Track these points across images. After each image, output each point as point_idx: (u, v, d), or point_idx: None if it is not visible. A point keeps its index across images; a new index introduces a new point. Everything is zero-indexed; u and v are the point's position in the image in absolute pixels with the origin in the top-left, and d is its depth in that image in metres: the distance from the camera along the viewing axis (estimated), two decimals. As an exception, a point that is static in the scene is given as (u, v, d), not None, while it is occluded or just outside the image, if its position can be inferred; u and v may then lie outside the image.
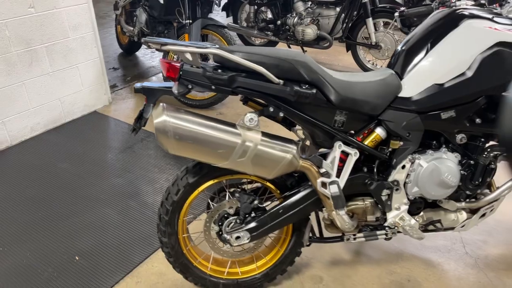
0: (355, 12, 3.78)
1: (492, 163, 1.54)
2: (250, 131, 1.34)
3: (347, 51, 3.94)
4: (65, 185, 2.39)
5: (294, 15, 3.97)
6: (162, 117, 1.28)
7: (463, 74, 1.40)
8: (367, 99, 1.41)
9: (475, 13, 1.42)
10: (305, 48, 4.09)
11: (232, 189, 1.57)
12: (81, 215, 2.14)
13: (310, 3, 3.93)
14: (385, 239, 1.59)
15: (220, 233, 1.54)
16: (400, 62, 1.49)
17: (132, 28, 3.87)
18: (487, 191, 1.61)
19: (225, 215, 1.54)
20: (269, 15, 4.28)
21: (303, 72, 1.32)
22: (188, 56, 1.29)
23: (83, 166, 2.57)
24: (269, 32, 4.21)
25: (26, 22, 2.68)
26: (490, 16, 1.41)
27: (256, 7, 4.26)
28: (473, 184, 1.54)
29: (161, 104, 1.35)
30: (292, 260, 1.68)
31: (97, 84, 3.27)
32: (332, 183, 1.41)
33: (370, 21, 3.63)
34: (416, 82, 1.44)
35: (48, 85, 2.94)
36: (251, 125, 1.34)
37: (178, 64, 1.31)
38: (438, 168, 1.46)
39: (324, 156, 1.50)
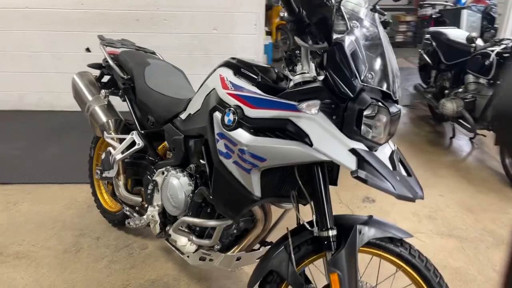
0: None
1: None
2: (98, 99, 2.07)
3: (495, 143, 3.08)
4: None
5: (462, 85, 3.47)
6: (74, 75, 2.22)
7: (198, 110, 1.55)
8: (154, 108, 1.81)
9: (230, 62, 1.48)
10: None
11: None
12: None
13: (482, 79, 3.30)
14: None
15: None
16: None
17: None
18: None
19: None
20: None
21: (128, 72, 1.93)
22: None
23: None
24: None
25: (209, 38, 4.05)
26: (236, 69, 1.44)
27: (436, 71, 3.94)
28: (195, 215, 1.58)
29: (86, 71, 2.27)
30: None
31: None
32: (107, 151, 1.92)
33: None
34: (187, 110, 1.68)
35: (213, 83, 4.23)
36: (101, 96, 2.07)
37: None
38: (168, 185, 1.64)
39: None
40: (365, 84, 1.11)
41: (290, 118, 1.18)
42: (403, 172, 1.19)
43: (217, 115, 1.34)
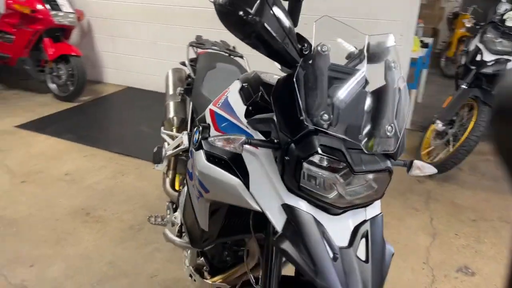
0: None
1: None
2: (174, 95, 2.18)
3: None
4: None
5: None
6: (168, 70, 2.38)
7: None
8: (198, 112, 1.79)
9: (246, 75, 1.31)
10: None
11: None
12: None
13: None
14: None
15: None
16: None
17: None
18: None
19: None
20: None
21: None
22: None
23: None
24: None
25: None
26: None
27: None
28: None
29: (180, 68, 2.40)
30: None
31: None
32: (160, 145, 1.99)
33: None
34: None
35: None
36: (176, 93, 2.16)
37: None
38: (183, 191, 1.60)
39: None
40: (316, 127, 0.83)
41: None
42: (361, 255, 0.85)
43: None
